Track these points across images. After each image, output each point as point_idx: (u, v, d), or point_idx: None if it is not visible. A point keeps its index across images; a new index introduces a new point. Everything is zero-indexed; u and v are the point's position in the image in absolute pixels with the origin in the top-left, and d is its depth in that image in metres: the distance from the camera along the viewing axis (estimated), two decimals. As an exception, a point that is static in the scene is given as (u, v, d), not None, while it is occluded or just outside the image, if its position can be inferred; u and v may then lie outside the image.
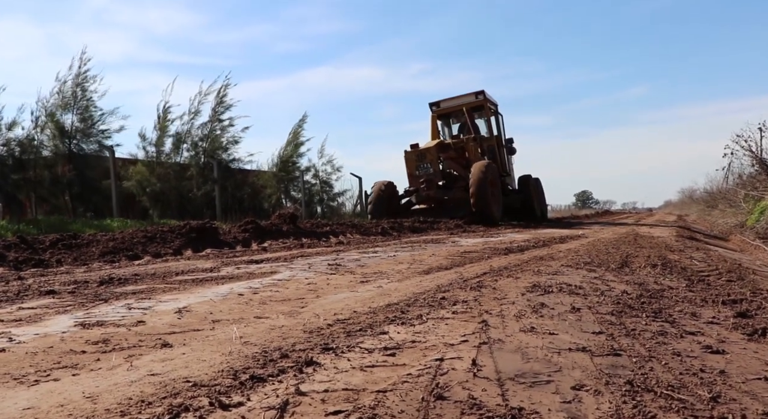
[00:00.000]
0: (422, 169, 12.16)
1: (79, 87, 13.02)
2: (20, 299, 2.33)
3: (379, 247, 5.08)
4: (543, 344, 1.61)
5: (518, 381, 1.28)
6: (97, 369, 1.36)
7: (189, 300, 2.28)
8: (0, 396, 1.17)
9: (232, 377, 1.28)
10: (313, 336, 1.69)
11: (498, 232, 9.11)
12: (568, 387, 1.24)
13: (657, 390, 1.21)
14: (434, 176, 12.11)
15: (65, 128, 12.84)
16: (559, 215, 24.22)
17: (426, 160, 12.20)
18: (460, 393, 1.20)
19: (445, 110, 14.55)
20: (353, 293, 2.47)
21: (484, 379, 1.29)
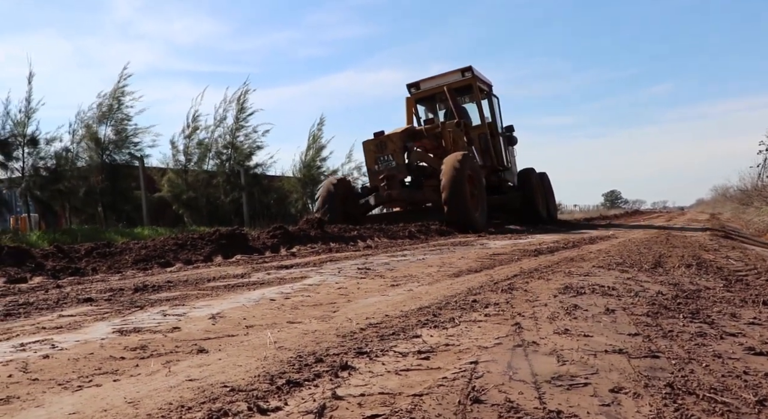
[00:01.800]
0: (382, 162, 9.73)
1: (116, 101, 13.32)
2: (60, 307, 2.38)
3: (408, 250, 5.08)
4: (578, 346, 1.59)
5: (555, 383, 1.27)
6: (137, 375, 1.39)
7: (222, 306, 2.31)
8: (47, 401, 1.20)
9: (269, 382, 1.29)
10: (346, 340, 1.70)
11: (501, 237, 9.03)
12: (606, 390, 1.22)
13: (699, 393, 1.19)
14: (397, 171, 9.66)
15: (100, 139, 13.13)
16: (587, 216, 23.54)
17: (387, 150, 9.73)
18: (496, 396, 1.19)
19: (427, 92, 11.96)
20: (384, 297, 2.47)
21: (520, 382, 1.28)
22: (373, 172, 9.89)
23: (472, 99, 12.05)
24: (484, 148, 11.66)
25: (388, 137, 9.78)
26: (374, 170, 9.83)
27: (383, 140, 9.79)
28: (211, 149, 14.97)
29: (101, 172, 13.07)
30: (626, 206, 69.95)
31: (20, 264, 3.87)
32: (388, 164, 9.68)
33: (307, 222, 7.37)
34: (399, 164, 9.64)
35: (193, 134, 14.67)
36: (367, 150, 9.96)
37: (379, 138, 9.78)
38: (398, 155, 9.63)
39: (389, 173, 9.59)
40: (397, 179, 9.64)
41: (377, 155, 9.77)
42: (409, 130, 10.33)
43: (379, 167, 9.73)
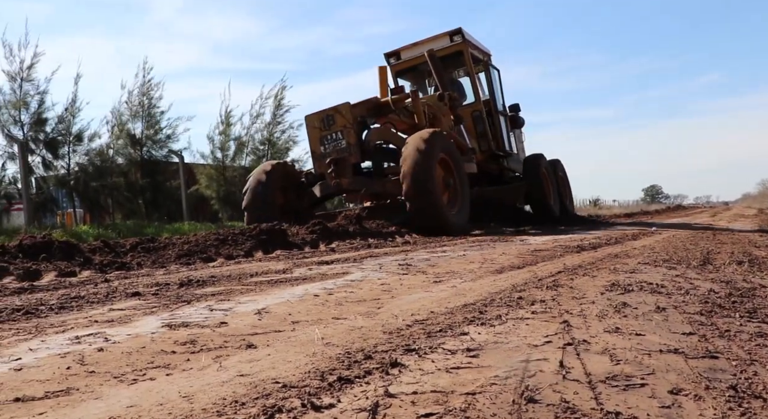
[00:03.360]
0: (329, 142, 7.60)
1: (144, 96, 13.59)
2: (109, 301, 2.43)
3: (447, 246, 5.05)
4: (631, 345, 1.55)
5: (610, 384, 1.24)
6: (189, 369, 1.40)
7: (267, 302, 2.32)
8: (105, 394, 1.22)
9: (320, 378, 1.29)
10: (393, 337, 1.69)
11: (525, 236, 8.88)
12: (665, 391, 1.19)
13: (766, 397, 1.15)
14: (348, 154, 7.46)
15: (135, 136, 13.42)
16: (627, 211, 22.97)
17: (336, 126, 7.55)
18: (551, 396, 1.17)
19: (411, 62, 9.99)
20: (428, 294, 2.46)
21: (574, 381, 1.26)
22: (317, 155, 7.72)
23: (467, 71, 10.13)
24: (479, 129, 9.98)
25: (336, 110, 7.55)
26: (319, 152, 7.69)
27: (330, 113, 7.60)
28: (247, 145, 15.16)
29: (140, 168, 13.37)
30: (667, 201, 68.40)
31: (69, 258, 3.97)
32: (337, 144, 7.57)
33: (346, 218, 7.39)
34: (350, 145, 7.49)
35: (227, 129, 14.85)
36: (311, 127, 7.79)
37: (325, 111, 7.62)
38: (350, 133, 7.50)
39: (337, 156, 7.49)
40: (348, 163, 7.48)
41: (323, 133, 7.67)
42: (370, 102, 8.02)
43: (325, 148, 7.63)
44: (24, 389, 1.26)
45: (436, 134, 7.24)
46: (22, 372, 1.38)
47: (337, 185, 7.54)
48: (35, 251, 3.98)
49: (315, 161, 7.82)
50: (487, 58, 10.58)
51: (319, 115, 7.72)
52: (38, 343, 1.68)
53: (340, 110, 7.59)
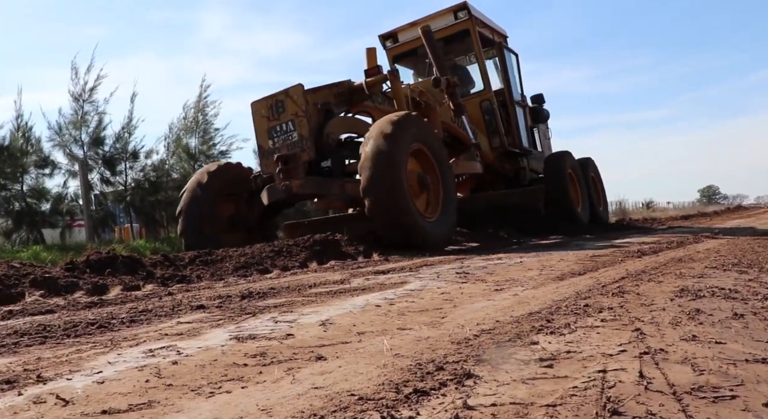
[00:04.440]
0: (278, 134, 6.11)
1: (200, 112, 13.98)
2: (176, 314, 2.49)
3: (502, 253, 4.99)
4: (712, 354, 1.49)
5: (697, 395, 1.19)
6: (262, 382, 1.42)
7: (330, 313, 2.34)
8: (185, 407, 1.25)
9: (395, 390, 1.28)
10: (462, 347, 1.67)
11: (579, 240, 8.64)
12: (760, 404, 1.14)
13: None
14: (300, 148, 5.96)
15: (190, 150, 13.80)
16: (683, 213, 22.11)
17: (286, 115, 6.07)
18: (635, 408, 1.13)
19: (409, 44, 8.70)
20: (490, 302, 2.43)
21: (657, 393, 1.21)
22: (265, 151, 6.20)
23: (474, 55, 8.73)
24: (489, 122, 8.67)
25: (286, 94, 6.05)
26: (267, 147, 6.16)
27: (279, 98, 6.10)
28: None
29: (195, 182, 13.71)
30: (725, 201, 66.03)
31: (133, 273, 4.09)
32: (287, 138, 6.02)
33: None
34: (303, 137, 5.91)
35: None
36: (257, 116, 6.26)
37: (274, 96, 6.15)
38: (302, 123, 5.95)
39: (287, 152, 5.97)
40: (299, 161, 5.93)
41: (271, 123, 6.12)
42: (339, 86, 6.60)
43: (274, 142, 6.10)
44: (109, 401, 1.30)
45: (408, 118, 5.75)
46: (104, 385, 1.42)
47: (286, 188, 5.86)
48: (101, 266, 4.11)
49: (262, 158, 6.31)
50: (501, 39, 9.21)
51: (267, 101, 6.21)
52: (115, 356, 1.73)
53: (291, 95, 6.05)
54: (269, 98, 6.23)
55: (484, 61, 8.74)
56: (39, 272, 3.63)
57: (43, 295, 3.34)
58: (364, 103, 6.93)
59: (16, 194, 11.71)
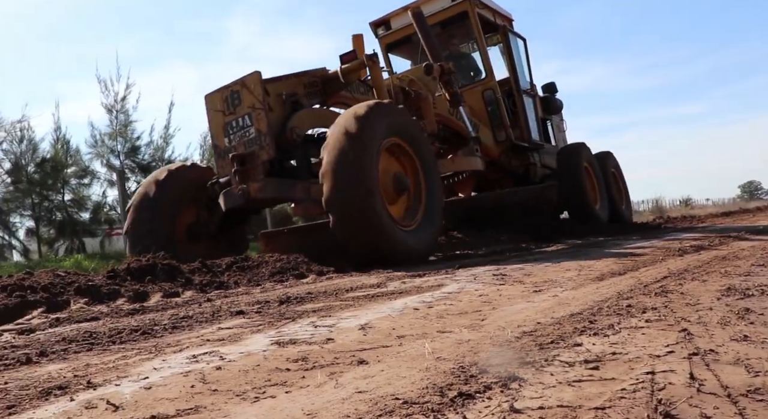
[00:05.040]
0: (234, 131, 5.34)
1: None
2: (216, 320, 2.52)
3: (538, 255, 4.94)
4: (767, 355, 1.45)
5: (753, 398, 1.16)
6: (306, 387, 1.42)
7: (368, 317, 2.34)
8: (232, 412, 1.26)
9: (439, 394, 1.27)
10: (503, 350, 1.65)
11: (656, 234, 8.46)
12: (820, 405, 1.10)
13: None
14: (259, 146, 5.17)
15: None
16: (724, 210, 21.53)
17: (242, 107, 5.28)
18: (689, 410, 1.10)
19: (403, 31, 7.97)
20: (530, 304, 2.40)
21: (710, 395, 1.18)
22: (220, 150, 5.41)
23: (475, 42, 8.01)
24: (493, 113, 7.96)
25: (243, 83, 5.25)
26: (223, 146, 5.37)
27: (235, 88, 5.30)
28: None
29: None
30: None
31: (172, 279, 4.15)
32: (244, 134, 5.22)
33: None
34: (261, 133, 5.12)
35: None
36: (211, 110, 5.47)
37: (230, 86, 5.34)
38: (259, 117, 5.15)
39: (245, 151, 5.20)
40: (258, 160, 5.14)
41: (227, 118, 5.34)
42: (309, 74, 5.76)
43: (230, 140, 5.32)
44: (157, 407, 1.32)
45: (378, 108, 4.87)
46: (152, 391, 1.44)
47: (242, 192, 5.05)
48: (141, 273, 4.19)
49: (218, 159, 5.47)
50: (505, 22, 8.48)
51: (221, 93, 5.40)
52: (160, 362, 1.76)
53: (247, 84, 5.23)
54: (224, 89, 5.40)
55: (485, 46, 7.97)
56: (83, 281, 3.72)
57: (87, 303, 3.42)
58: (341, 94, 6.02)
59: (57, 204, 12.03)
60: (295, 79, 5.66)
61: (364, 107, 4.88)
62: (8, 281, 3.48)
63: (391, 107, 5.23)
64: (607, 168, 9.25)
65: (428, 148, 5.66)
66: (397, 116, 5.25)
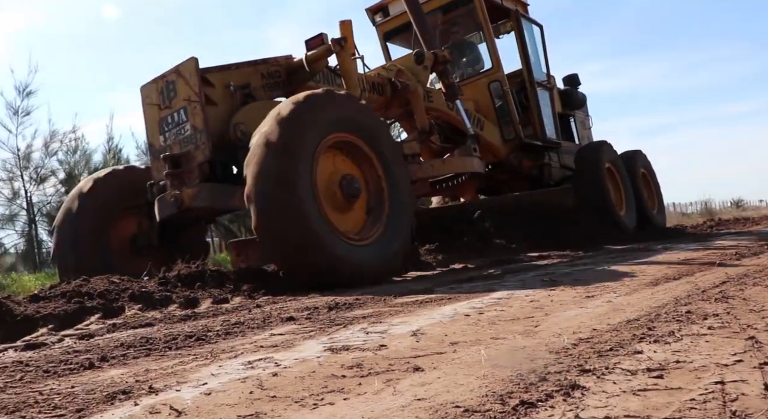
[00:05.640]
0: (170, 127, 4.65)
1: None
2: (268, 326, 2.55)
3: (587, 259, 4.85)
4: (842, 363, 1.39)
5: (833, 408, 1.11)
6: (363, 394, 1.42)
7: (419, 323, 2.33)
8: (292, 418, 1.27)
9: (500, 402, 1.26)
10: (561, 357, 1.62)
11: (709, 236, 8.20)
12: None
13: None
14: (194, 146, 4.48)
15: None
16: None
17: (178, 100, 4.60)
18: (765, 422, 1.06)
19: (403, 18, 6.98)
20: (583, 310, 2.35)
21: (787, 406, 1.13)
22: (156, 150, 4.74)
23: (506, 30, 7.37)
24: (500, 108, 7.15)
25: (178, 72, 4.55)
26: (159, 145, 4.71)
27: (170, 78, 4.61)
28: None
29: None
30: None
31: (221, 285, 4.22)
32: (179, 131, 4.54)
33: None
34: (197, 130, 4.42)
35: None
36: (147, 103, 4.80)
37: (165, 75, 4.65)
38: (195, 111, 4.44)
39: (180, 151, 4.50)
40: (194, 162, 4.43)
41: (163, 113, 4.67)
42: (264, 63, 5.04)
43: (166, 138, 4.65)
44: (218, 412, 1.34)
45: (311, 102, 4.02)
46: (212, 397, 1.46)
47: (175, 200, 4.39)
48: (191, 279, 4.27)
49: (153, 160, 4.78)
50: (518, 7, 7.64)
51: (156, 83, 4.70)
52: (217, 368, 1.79)
53: (182, 73, 4.51)
54: (159, 80, 4.69)
55: (490, 32, 7.13)
56: (136, 287, 3.81)
57: (141, 309, 3.50)
58: (308, 85, 5.10)
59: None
60: (249, 68, 4.93)
61: (288, 106, 3.98)
62: (67, 288, 3.59)
63: (330, 97, 4.22)
64: (635, 169, 8.38)
65: (393, 146, 4.74)
66: (344, 109, 4.34)
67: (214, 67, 4.71)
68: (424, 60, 5.95)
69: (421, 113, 5.97)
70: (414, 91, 5.94)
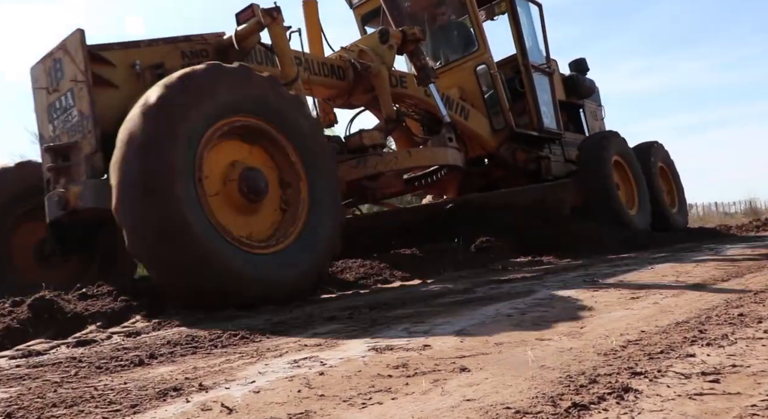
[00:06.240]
0: (57, 114, 3.82)
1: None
2: (310, 325, 2.57)
3: (629, 259, 4.76)
4: None
5: None
6: (411, 394, 1.42)
7: (462, 323, 2.32)
8: (343, 418, 1.28)
9: (551, 404, 1.24)
10: (610, 359, 1.60)
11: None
12: None
13: None
14: (81, 136, 3.63)
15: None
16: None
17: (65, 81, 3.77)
18: (831, 429, 1.03)
19: None
20: (629, 311, 2.31)
21: None
22: (45, 140, 4.00)
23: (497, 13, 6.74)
24: (489, 95, 6.45)
25: (65, 48, 3.82)
26: (48, 135, 3.98)
27: (57, 55, 3.88)
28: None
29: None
30: None
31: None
32: (67, 118, 3.82)
33: None
34: (84, 116, 3.68)
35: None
36: (36, 86, 4.07)
37: (52, 53, 3.92)
38: (81, 94, 3.71)
39: (68, 141, 3.78)
40: (81, 154, 3.67)
41: (51, 98, 3.94)
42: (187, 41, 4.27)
43: (54, 127, 3.93)
44: (268, 410, 1.35)
45: (193, 78, 3.29)
46: (261, 395, 1.48)
47: (59, 199, 3.65)
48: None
49: (43, 152, 3.98)
50: None
51: (44, 63, 3.99)
52: (263, 366, 1.81)
53: (68, 49, 3.80)
54: (47, 58, 3.96)
55: (475, 9, 6.43)
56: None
57: (183, 307, 3.56)
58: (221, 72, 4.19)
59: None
60: (166, 46, 4.15)
61: (157, 90, 3.20)
62: (114, 287, 3.68)
63: (218, 74, 3.39)
64: (650, 163, 7.50)
65: (315, 134, 3.85)
66: (242, 87, 3.48)
67: (116, 44, 3.98)
68: (390, 38, 5.29)
69: (386, 98, 5.38)
70: (377, 74, 5.26)
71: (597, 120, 8.25)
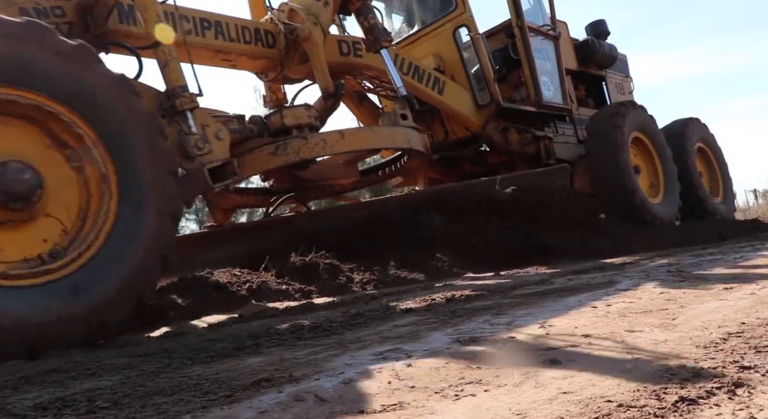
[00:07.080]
0: None
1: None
2: (390, 318, 2.57)
3: (713, 249, 4.55)
4: None
5: None
6: (503, 386, 1.40)
7: (543, 314, 2.27)
8: (437, 409, 1.27)
9: (655, 397, 1.19)
10: (711, 352, 1.52)
11: None
12: None
13: None
14: None
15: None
16: None
17: None
18: None
19: None
20: (724, 302, 2.20)
21: None
22: None
23: None
24: (468, 63, 5.49)
25: None
26: None
27: None
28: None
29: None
30: None
31: (334, 278, 4.31)
32: None
33: None
34: None
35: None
36: None
37: None
38: None
39: None
40: None
41: None
42: None
43: None
44: (360, 401, 1.36)
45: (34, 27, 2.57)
46: (351, 386, 1.49)
47: None
48: (305, 272, 4.40)
49: None
50: None
51: None
52: (349, 358, 1.82)
53: None
54: None
55: None
56: (255, 279, 3.97)
57: (260, 300, 3.65)
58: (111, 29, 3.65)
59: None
60: None
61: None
62: (192, 281, 3.80)
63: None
64: (684, 142, 6.39)
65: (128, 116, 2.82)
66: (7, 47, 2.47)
67: None
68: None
69: (321, 68, 4.47)
70: (307, 37, 4.32)
71: (623, 94, 7.08)
